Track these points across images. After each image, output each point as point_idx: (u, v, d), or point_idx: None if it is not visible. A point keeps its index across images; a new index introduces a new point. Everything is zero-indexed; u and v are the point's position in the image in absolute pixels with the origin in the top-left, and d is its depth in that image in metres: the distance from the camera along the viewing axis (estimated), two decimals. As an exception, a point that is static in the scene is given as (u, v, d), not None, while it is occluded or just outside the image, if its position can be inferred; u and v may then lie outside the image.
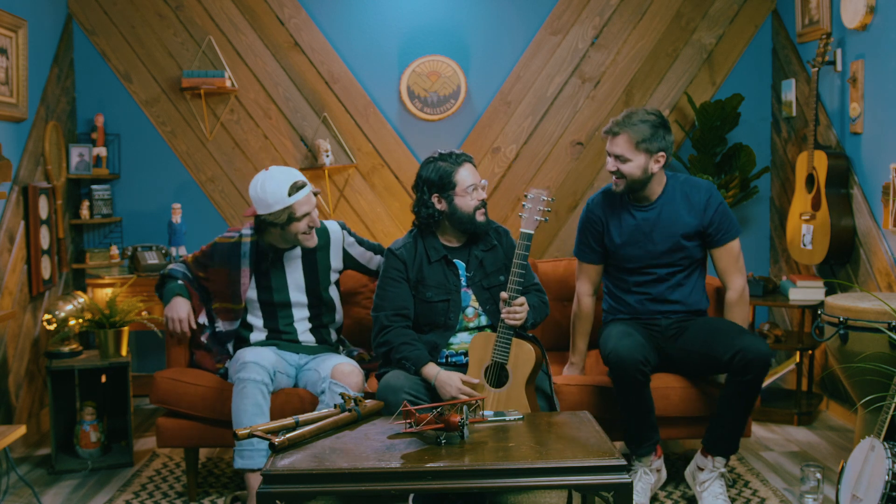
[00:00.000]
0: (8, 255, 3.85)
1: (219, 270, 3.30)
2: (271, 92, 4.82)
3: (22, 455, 3.84)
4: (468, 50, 4.85)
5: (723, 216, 3.19)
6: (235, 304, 3.30)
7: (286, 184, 3.10)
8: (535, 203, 2.95)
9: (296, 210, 3.12)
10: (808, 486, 3.10)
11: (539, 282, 3.27)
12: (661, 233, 3.18)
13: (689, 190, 3.21)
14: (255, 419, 2.95)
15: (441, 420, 2.46)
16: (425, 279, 3.10)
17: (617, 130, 3.11)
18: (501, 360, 2.91)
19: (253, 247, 3.28)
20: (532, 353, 2.93)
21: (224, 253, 3.31)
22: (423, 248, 3.15)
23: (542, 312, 3.16)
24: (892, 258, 3.75)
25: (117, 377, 3.82)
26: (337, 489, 2.29)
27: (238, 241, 3.30)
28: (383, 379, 2.97)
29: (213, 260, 3.32)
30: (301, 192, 3.13)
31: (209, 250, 3.35)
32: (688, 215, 3.18)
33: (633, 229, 3.21)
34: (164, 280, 3.37)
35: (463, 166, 3.09)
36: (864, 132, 3.96)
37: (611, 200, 3.28)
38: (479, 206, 3.09)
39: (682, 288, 3.23)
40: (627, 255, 3.23)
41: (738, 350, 2.93)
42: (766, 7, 4.87)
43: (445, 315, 3.09)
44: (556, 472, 2.30)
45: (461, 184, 3.07)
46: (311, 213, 3.17)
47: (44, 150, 4.29)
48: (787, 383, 4.71)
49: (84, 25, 4.71)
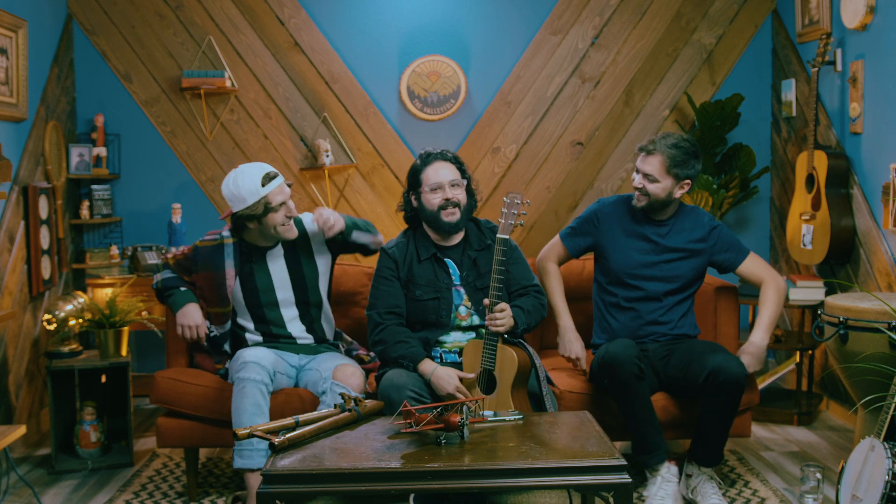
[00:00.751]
0: (8, 255, 3.85)
1: (202, 275, 3.27)
2: (271, 92, 4.82)
3: (22, 455, 3.84)
4: (468, 50, 4.85)
5: (728, 235, 3.29)
6: (223, 307, 3.27)
7: (258, 176, 3.11)
8: (510, 208, 2.94)
9: (271, 200, 3.11)
10: (808, 486, 3.10)
11: (539, 283, 3.26)
12: (667, 243, 3.23)
13: (695, 214, 3.31)
14: (254, 419, 2.95)
15: (441, 420, 2.46)
16: (415, 277, 3.11)
17: (652, 149, 3.14)
18: (489, 367, 2.93)
19: (236, 247, 3.26)
20: (514, 358, 2.92)
21: (206, 256, 3.27)
22: (415, 246, 3.16)
23: (538, 315, 3.13)
24: (892, 258, 3.75)
25: (117, 377, 3.82)
26: (337, 489, 2.29)
27: (220, 244, 3.26)
28: (385, 377, 2.96)
29: (196, 264, 3.28)
30: (274, 182, 3.12)
31: (191, 254, 3.31)
32: (696, 230, 3.25)
33: (639, 235, 3.24)
34: (166, 289, 3.33)
35: (431, 165, 3.10)
36: (864, 132, 3.96)
37: (625, 207, 3.32)
38: (445, 206, 3.06)
39: (670, 312, 3.24)
40: (627, 260, 3.23)
41: (709, 371, 2.93)
42: (766, 7, 4.87)
43: (437, 313, 3.10)
44: (556, 472, 2.30)
45: (425, 182, 3.09)
46: (286, 202, 3.15)
47: (44, 150, 4.29)
48: (787, 383, 4.71)
49: (84, 25, 4.71)
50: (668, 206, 3.22)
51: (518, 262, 3.21)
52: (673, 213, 3.27)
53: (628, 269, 3.25)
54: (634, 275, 3.24)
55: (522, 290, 3.17)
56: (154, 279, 3.37)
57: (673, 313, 3.25)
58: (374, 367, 3.33)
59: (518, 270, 3.20)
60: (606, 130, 4.92)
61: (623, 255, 3.25)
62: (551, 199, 4.95)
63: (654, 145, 3.13)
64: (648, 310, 3.23)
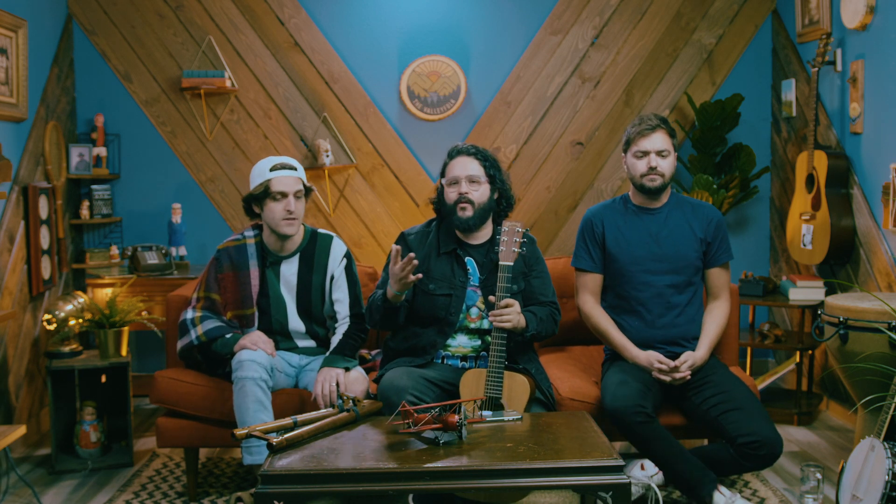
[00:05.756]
0: (8, 255, 3.86)
1: (227, 275, 3.25)
2: (271, 92, 4.82)
3: (22, 455, 3.84)
4: (468, 50, 4.85)
5: (725, 235, 3.20)
6: (247, 309, 3.24)
7: (272, 162, 3.18)
8: (510, 235, 2.87)
9: (272, 185, 3.13)
10: (808, 486, 3.09)
11: (556, 300, 3.17)
12: (668, 234, 3.14)
13: (694, 204, 3.23)
14: (258, 415, 2.94)
15: (439, 420, 2.46)
16: (430, 270, 3.06)
17: (653, 125, 3.10)
18: (495, 395, 2.79)
19: (258, 247, 3.27)
20: (526, 384, 2.85)
21: (231, 256, 3.26)
22: (437, 238, 3.12)
23: (549, 327, 3.07)
24: (892, 258, 3.75)
25: (117, 377, 3.82)
26: (335, 489, 2.28)
27: (243, 244, 3.27)
28: (385, 378, 2.93)
29: (221, 266, 3.25)
30: (281, 172, 3.15)
31: (215, 260, 3.28)
32: (694, 221, 3.16)
33: (640, 230, 3.16)
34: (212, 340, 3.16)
35: (455, 159, 3.09)
36: (864, 132, 3.96)
37: (613, 209, 3.24)
38: (459, 201, 3.03)
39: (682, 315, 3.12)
40: (631, 257, 3.14)
41: (755, 438, 2.80)
42: (766, 7, 4.87)
43: (447, 310, 3.04)
44: (555, 472, 2.30)
45: (446, 175, 3.09)
46: (289, 197, 3.14)
47: (44, 150, 4.29)
48: (787, 383, 4.71)
49: (84, 25, 4.72)
50: (667, 186, 3.17)
51: (541, 276, 3.15)
52: (665, 202, 3.19)
53: (634, 255, 3.13)
54: (639, 258, 3.12)
55: (539, 305, 3.11)
56: (191, 336, 3.18)
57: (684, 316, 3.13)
58: (375, 365, 3.33)
59: (539, 284, 3.14)
60: (606, 130, 4.92)
61: (626, 242, 3.16)
62: (551, 199, 4.95)
63: (650, 122, 3.10)
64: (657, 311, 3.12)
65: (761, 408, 2.93)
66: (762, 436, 2.80)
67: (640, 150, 3.11)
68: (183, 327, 3.22)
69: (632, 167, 3.14)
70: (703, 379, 3.03)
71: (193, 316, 3.21)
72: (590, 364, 3.46)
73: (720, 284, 3.19)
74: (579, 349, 3.65)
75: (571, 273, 3.63)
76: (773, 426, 2.85)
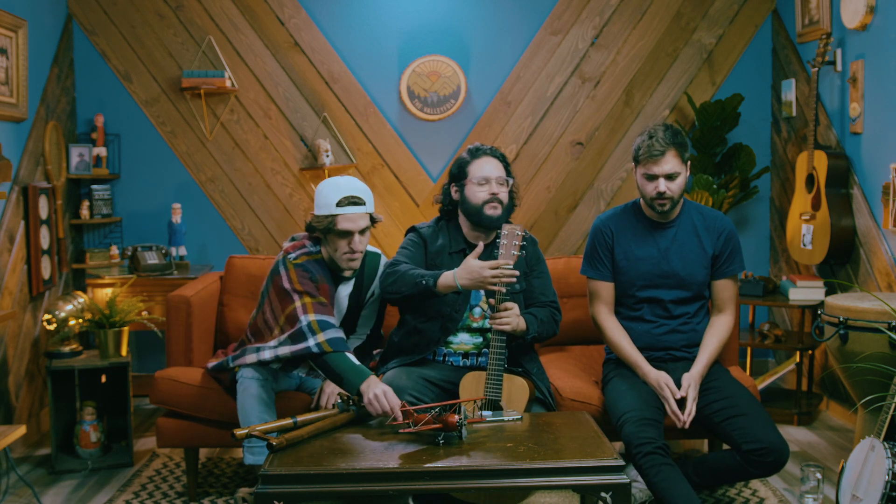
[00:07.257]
0: (8, 255, 3.86)
1: (322, 287, 3.05)
2: (271, 92, 4.82)
3: (22, 455, 3.84)
4: (468, 50, 4.85)
5: (736, 248, 3.09)
6: None
7: (340, 194, 2.95)
8: (510, 238, 2.85)
9: (337, 223, 2.95)
10: (808, 486, 3.10)
11: (558, 301, 3.17)
12: (677, 249, 3.06)
13: (705, 213, 3.13)
14: (262, 415, 2.93)
15: (439, 420, 2.46)
16: (443, 266, 3.07)
17: (661, 149, 2.93)
18: (494, 398, 2.80)
19: (325, 264, 3.11)
20: (525, 387, 2.86)
21: (316, 269, 3.06)
22: (448, 237, 3.14)
23: (550, 328, 3.07)
24: (892, 258, 3.75)
25: (117, 377, 3.82)
26: (335, 489, 2.29)
27: (318, 259, 3.09)
28: (385, 378, 2.93)
29: (314, 276, 3.05)
30: (348, 209, 2.94)
31: (302, 270, 3.03)
32: (705, 235, 3.08)
33: (649, 245, 3.08)
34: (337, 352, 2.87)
35: (481, 158, 3.10)
36: (864, 132, 3.96)
37: (623, 219, 3.15)
38: (490, 200, 3.03)
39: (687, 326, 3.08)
40: (638, 273, 3.07)
41: (762, 445, 2.75)
42: (766, 7, 4.87)
43: (453, 307, 3.06)
44: (555, 472, 2.31)
45: (472, 174, 3.07)
46: (354, 235, 2.97)
47: (44, 150, 4.29)
48: (787, 383, 4.71)
49: (84, 25, 4.72)
50: (677, 204, 3.07)
51: (542, 276, 3.16)
52: (678, 214, 3.10)
53: (642, 271, 3.08)
54: (647, 274, 3.07)
55: (540, 305, 3.11)
56: (309, 343, 2.85)
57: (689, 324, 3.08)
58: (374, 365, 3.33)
59: (540, 284, 3.15)
60: (606, 130, 4.92)
61: (636, 255, 3.09)
62: (551, 199, 4.95)
63: (658, 145, 2.93)
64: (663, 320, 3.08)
65: (766, 414, 2.89)
66: (769, 442, 2.76)
67: (649, 173, 2.97)
68: (300, 335, 2.89)
69: (641, 186, 3.04)
70: (705, 385, 3.00)
71: (309, 321, 2.89)
72: (590, 364, 3.46)
73: (726, 297, 3.10)
74: (579, 349, 3.66)
75: (571, 273, 3.64)
76: (779, 433, 2.81)
